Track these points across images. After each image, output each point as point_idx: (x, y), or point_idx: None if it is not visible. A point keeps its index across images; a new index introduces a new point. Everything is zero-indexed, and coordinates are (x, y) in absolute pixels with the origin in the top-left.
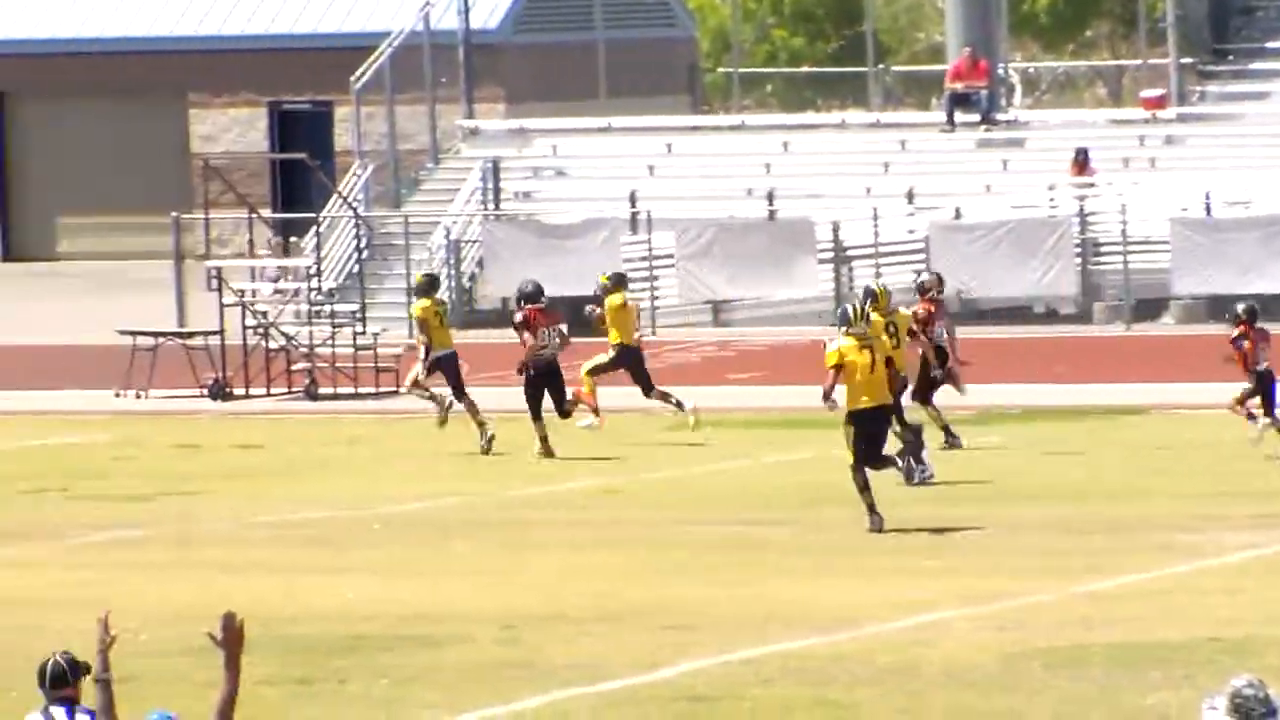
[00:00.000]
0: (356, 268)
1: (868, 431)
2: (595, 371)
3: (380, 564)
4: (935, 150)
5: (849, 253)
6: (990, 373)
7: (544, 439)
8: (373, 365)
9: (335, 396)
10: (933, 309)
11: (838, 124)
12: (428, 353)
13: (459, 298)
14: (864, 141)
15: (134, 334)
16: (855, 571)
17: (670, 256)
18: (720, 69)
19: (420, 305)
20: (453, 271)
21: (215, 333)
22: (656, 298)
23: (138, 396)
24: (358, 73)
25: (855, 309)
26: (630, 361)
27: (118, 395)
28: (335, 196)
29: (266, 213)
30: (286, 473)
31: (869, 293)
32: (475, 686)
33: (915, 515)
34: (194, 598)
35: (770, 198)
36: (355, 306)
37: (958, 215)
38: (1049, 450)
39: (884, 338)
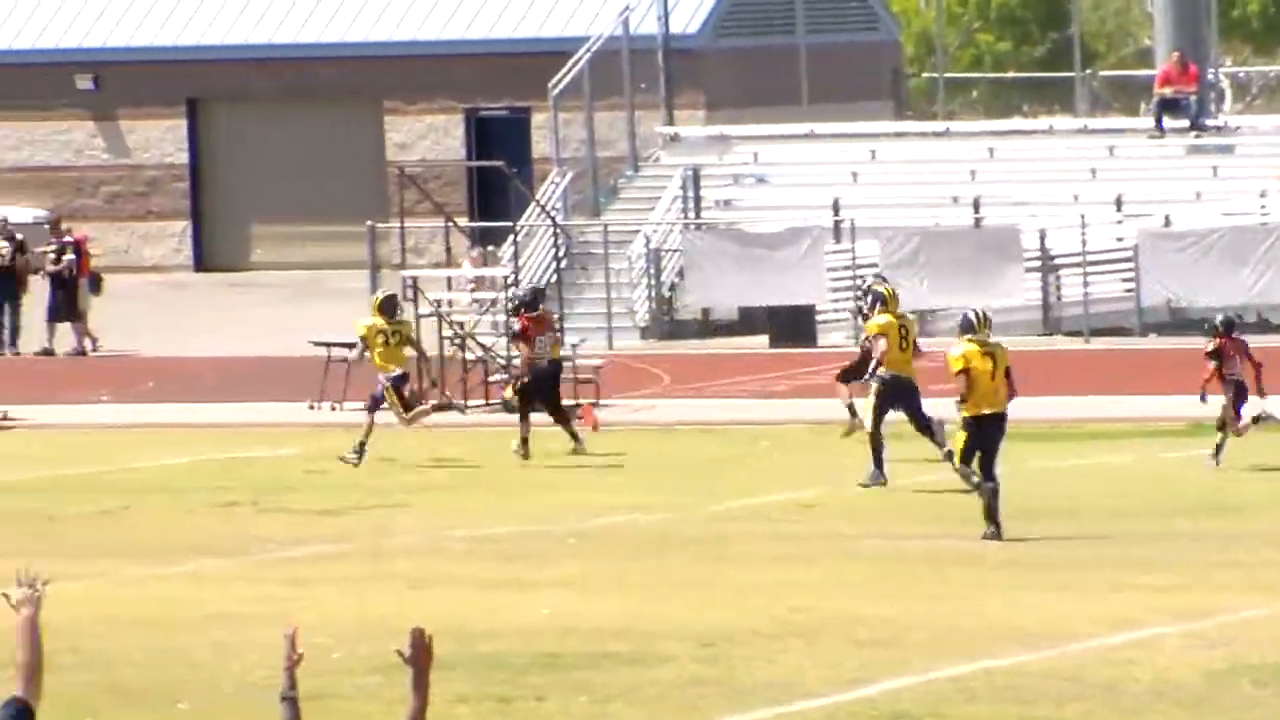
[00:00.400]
0: (554, 277)
1: (986, 440)
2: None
3: (576, 579)
4: (1144, 157)
5: (1056, 261)
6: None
7: (525, 440)
8: (570, 377)
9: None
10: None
11: (1044, 130)
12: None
13: (658, 308)
14: (1071, 148)
15: (328, 345)
16: (1063, 586)
17: (874, 265)
18: (924, 74)
19: (364, 323)
20: (653, 281)
21: None
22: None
23: (332, 409)
24: (555, 78)
25: (978, 316)
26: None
27: (311, 407)
28: (533, 205)
29: (463, 221)
30: (482, 486)
31: (878, 296)
32: (675, 704)
33: (1125, 529)
34: (387, 613)
35: (976, 205)
36: (553, 317)
37: (1167, 223)
38: (1261, 463)
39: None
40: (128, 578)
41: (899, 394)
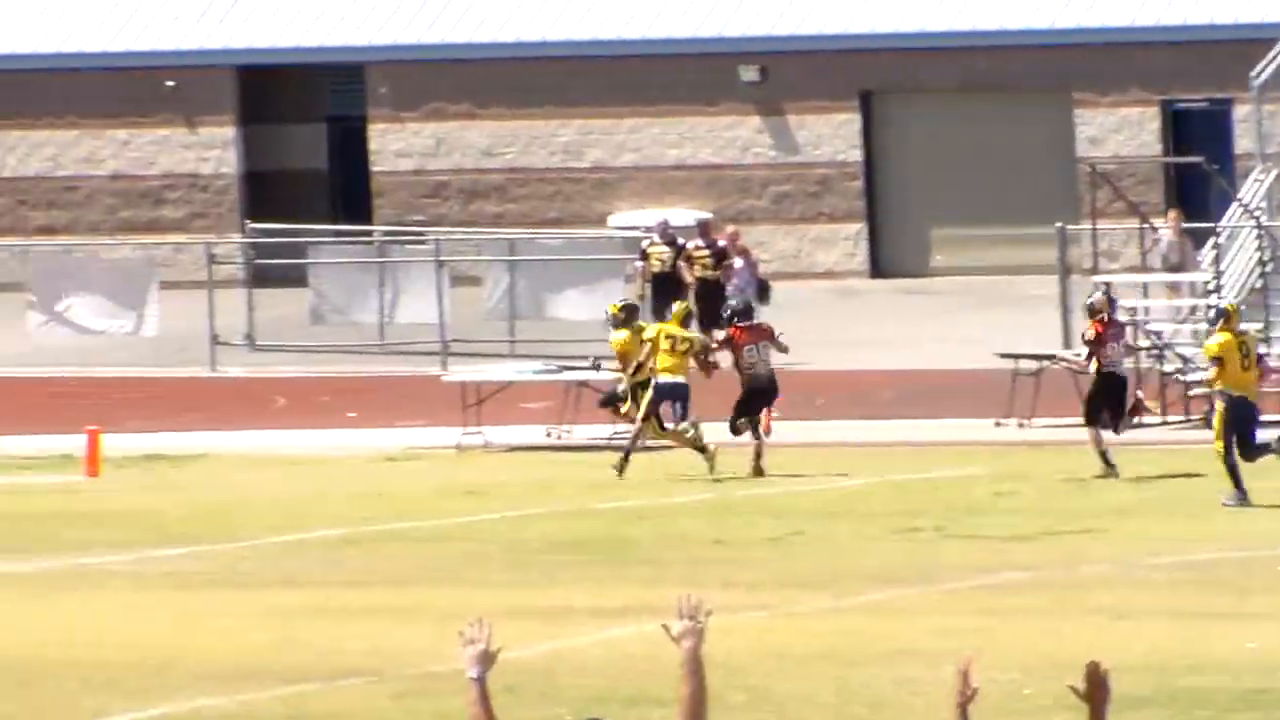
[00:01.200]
0: (1259, 283)
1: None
2: (646, 417)
3: None
4: None
5: None
6: None
7: (757, 455)
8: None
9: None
10: (1102, 330)
11: None
12: (637, 373)
13: None
14: None
15: (1015, 357)
16: None
17: None
18: None
19: (617, 339)
20: None
21: None
22: None
23: (1019, 426)
24: (1258, 67)
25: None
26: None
27: (998, 424)
28: (1234, 204)
29: (1160, 222)
30: (1183, 509)
31: (1221, 312)
32: None
33: None
34: (1080, 647)
35: None
36: (1258, 325)
37: None
38: None
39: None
40: (801, 609)
41: (1241, 415)
